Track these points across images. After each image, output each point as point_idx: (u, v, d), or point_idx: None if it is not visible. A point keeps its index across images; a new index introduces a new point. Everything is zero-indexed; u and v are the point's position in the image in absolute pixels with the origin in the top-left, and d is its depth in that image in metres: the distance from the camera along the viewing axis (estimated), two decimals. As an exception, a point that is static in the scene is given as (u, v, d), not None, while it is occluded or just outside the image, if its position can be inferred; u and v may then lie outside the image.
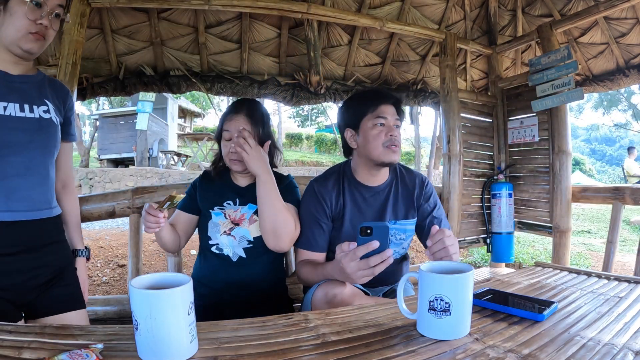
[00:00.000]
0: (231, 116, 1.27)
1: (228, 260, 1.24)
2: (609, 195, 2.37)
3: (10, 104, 0.95)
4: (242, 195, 1.29)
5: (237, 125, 1.24)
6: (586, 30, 2.92)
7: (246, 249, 1.25)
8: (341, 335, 0.64)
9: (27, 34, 0.95)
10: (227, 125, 1.27)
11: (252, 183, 1.29)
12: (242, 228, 1.26)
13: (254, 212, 1.26)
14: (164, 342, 0.53)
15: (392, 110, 1.23)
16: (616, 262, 3.59)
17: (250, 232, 1.26)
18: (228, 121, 1.27)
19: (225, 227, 1.26)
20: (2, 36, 0.95)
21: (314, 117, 27.05)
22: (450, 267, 0.67)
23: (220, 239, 1.25)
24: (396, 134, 1.21)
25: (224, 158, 1.29)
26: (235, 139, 1.21)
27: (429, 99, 3.29)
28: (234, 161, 1.26)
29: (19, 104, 0.97)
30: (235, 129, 1.24)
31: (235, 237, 1.25)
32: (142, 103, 9.44)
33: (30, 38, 0.96)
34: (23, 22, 0.94)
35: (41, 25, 0.96)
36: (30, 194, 0.99)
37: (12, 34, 0.94)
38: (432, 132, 11.79)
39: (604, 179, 22.15)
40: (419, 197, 1.30)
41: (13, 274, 0.96)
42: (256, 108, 1.30)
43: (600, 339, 0.62)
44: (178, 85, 2.67)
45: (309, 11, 2.32)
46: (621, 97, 15.83)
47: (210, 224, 1.27)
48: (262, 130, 1.28)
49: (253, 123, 1.26)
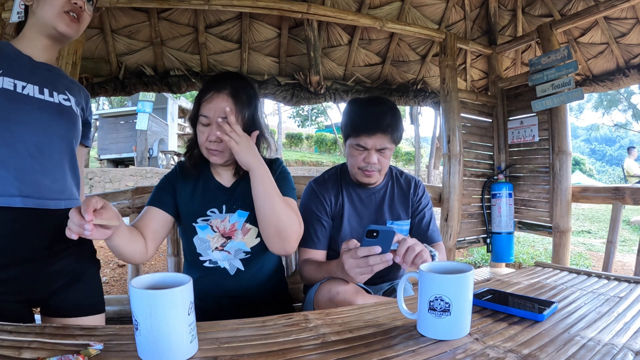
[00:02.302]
0: (211, 96, 1.02)
1: (224, 273, 1.09)
2: (609, 195, 2.37)
3: (30, 85, 0.93)
4: (229, 199, 1.09)
5: (218, 108, 1.00)
6: (586, 30, 2.92)
7: (244, 260, 1.10)
8: (341, 335, 0.64)
9: (62, 13, 0.93)
10: (206, 108, 1.02)
11: (236, 181, 1.11)
12: (236, 241, 1.08)
13: (246, 220, 1.09)
14: (164, 342, 0.53)
15: (375, 140, 1.17)
16: (616, 262, 3.59)
17: (247, 244, 1.09)
18: (207, 102, 1.02)
19: (216, 243, 1.08)
20: (38, 18, 0.94)
21: (314, 117, 27.05)
22: (450, 267, 0.67)
23: (213, 255, 1.08)
24: (373, 161, 1.18)
25: (200, 146, 1.06)
26: (218, 124, 0.99)
27: (429, 99, 3.30)
28: (213, 151, 1.03)
29: (39, 87, 0.95)
30: (216, 113, 1.00)
31: (230, 252, 1.09)
32: (142, 103, 9.44)
33: (65, 19, 0.94)
34: (58, 0, 0.93)
35: (76, 6, 0.95)
36: (41, 179, 0.91)
37: (48, 13, 0.93)
38: (432, 132, 11.79)
39: (604, 179, 22.17)
40: (413, 198, 1.33)
41: (23, 279, 0.90)
42: (242, 86, 1.05)
43: (600, 339, 0.62)
44: (178, 85, 2.68)
45: (309, 11, 2.33)
46: (621, 97, 15.82)
47: (197, 240, 1.08)
48: (249, 114, 1.04)
49: (239, 105, 1.02)
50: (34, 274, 0.91)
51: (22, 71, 0.93)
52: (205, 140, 1.03)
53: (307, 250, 1.22)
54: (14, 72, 0.91)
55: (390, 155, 1.24)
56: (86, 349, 0.54)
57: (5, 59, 0.93)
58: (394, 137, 1.19)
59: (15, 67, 0.92)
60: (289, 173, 1.16)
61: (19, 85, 0.91)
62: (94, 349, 0.55)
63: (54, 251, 0.94)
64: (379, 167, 1.21)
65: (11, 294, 0.88)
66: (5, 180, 0.88)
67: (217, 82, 1.05)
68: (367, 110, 1.19)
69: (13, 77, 0.91)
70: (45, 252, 0.92)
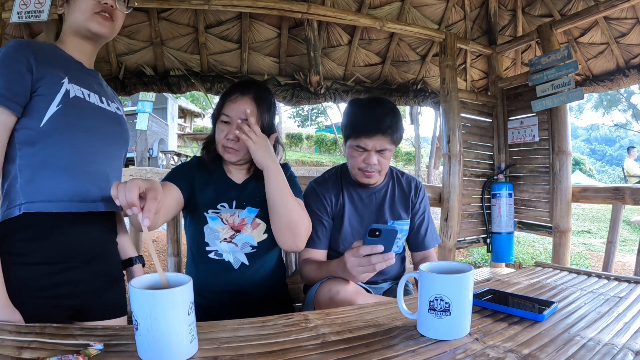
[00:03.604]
0: (236, 97, 1.09)
1: (228, 266, 1.12)
2: (609, 195, 2.36)
3: (92, 93, 0.94)
4: (239, 195, 1.15)
5: (241, 109, 1.07)
6: (586, 30, 2.92)
7: (249, 254, 1.14)
8: (341, 335, 0.64)
9: (93, 14, 0.92)
10: (229, 108, 1.09)
11: (247, 179, 1.18)
12: (245, 234, 1.13)
13: (256, 216, 1.14)
14: (164, 342, 0.53)
15: (375, 141, 1.18)
16: (616, 262, 3.59)
17: (254, 238, 1.14)
18: (231, 102, 1.09)
19: (225, 234, 1.12)
20: (71, 23, 0.94)
21: (314, 117, 27.05)
22: (450, 267, 0.67)
23: (220, 246, 1.12)
24: (373, 162, 1.19)
25: (217, 144, 1.13)
26: (238, 124, 1.06)
27: (429, 99, 3.30)
28: (229, 149, 1.09)
29: (98, 95, 0.96)
30: (237, 113, 1.08)
31: (237, 245, 1.13)
32: (142, 103, 9.45)
33: (98, 19, 0.93)
34: (88, 3, 0.92)
35: (106, 5, 0.94)
36: (107, 186, 0.92)
37: (79, 17, 0.92)
38: (432, 132, 11.78)
39: (604, 179, 22.17)
40: (413, 199, 1.35)
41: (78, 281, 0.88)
42: (265, 94, 1.15)
43: (600, 339, 0.62)
44: (178, 85, 2.68)
45: (309, 11, 2.33)
46: (621, 97, 15.82)
47: (207, 229, 1.12)
48: (268, 120, 1.13)
49: (260, 110, 1.09)
50: (93, 275, 0.91)
51: (81, 78, 0.93)
52: (223, 138, 1.09)
53: (307, 249, 1.22)
54: (77, 79, 0.91)
55: (390, 156, 1.24)
56: (86, 349, 0.54)
57: (66, 64, 0.91)
58: (394, 138, 1.20)
59: (74, 73, 0.91)
60: (297, 177, 1.22)
61: (85, 93, 0.92)
62: (94, 349, 0.55)
63: (106, 252, 0.96)
64: (378, 168, 1.22)
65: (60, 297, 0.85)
66: (90, 187, 0.90)
67: (243, 86, 1.12)
68: (368, 111, 1.19)
69: (78, 84, 0.90)
70: (103, 253, 0.95)
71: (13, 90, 0.80)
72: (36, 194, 0.84)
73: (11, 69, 0.81)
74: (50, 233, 0.85)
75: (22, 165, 0.84)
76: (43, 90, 0.84)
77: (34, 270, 0.82)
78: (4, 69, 0.81)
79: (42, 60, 0.85)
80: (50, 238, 0.85)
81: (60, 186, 0.86)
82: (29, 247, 0.83)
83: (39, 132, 0.84)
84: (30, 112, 0.83)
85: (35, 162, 0.85)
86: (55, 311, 0.83)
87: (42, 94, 0.84)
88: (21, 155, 0.84)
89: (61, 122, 0.86)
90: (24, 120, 0.83)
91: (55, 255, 0.85)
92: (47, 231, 0.85)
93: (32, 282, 0.81)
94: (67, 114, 0.86)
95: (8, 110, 0.80)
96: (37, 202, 0.84)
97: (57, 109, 0.85)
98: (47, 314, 0.79)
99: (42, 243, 0.84)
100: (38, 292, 0.82)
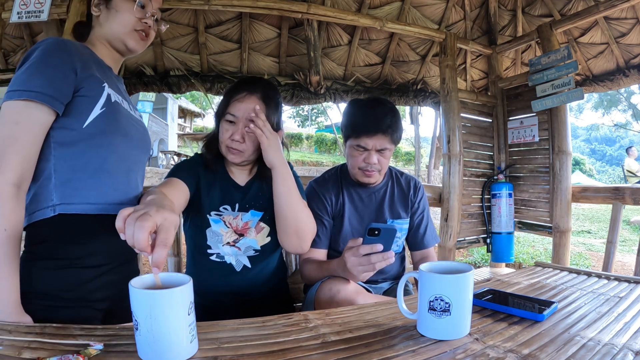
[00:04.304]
0: (243, 96, 1.04)
1: (230, 269, 1.10)
2: (609, 195, 2.37)
3: (123, 100, 0.94)
4: (242, 198, 1.11)
5: (249, 108, 1.02)
6: (586, 30, 2.92)
7: (252, 258, 1.11)
8: (341, 335, 0.64)
9: (133, 31, 0.93)
10: (236, 107, 1.03)
11: (250, 180, 1.14)
12: (249, 239, 1.10)
13: (260, 219, 1.12)
14: (164, 342, 0.53)
15: (376, 141, 1.19)
16: (616, 262, 3.59)
17: (258, 242, 1.11)
18: (238, 102, 1.03)
19: (228, 238, 1.09)
20: (106, 31, 0.93)
21: (314, 117, 27.07)
22: (450, 267, 0.67)
23: (223, 249, 1.09)
24: (373, 161, 1.20)
25: (220, 143, 1.07)
26: (250, 119, 1.01)
27: (429, 99, 3.30)
28: (234, 150, 1.04)
29: (127, 101, 0.96)
30: (245, 113, 1.03)
31: (240, 249, 1.10)
32: (142, 103, 9.46)
33: (135, 36, 0.94)
34: (130, 19, 0.92)
35: (146, 25, 0.95)
36: (137, 193, 0.94)
37: (118, 29, 0.92)
38: (432, 132, 11.78)
39: (604, 179, 22.18)
40: (412, 198, 1.35)
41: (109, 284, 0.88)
42: (273, 92, 1.10)
43: (600, 339, 0.62)
44: (178, 85, 2.68)
45: (309, 11, 2.33)
46: (621, 97, 15.82)
47: (210, 232, 1.09)
48: (275, 120, 1.08)
49: (268, 109, 1.05)
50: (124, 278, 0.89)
51: (114, 83, 0.93)
52: (227, 138, 1.04)
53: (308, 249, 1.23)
54: (111, 84, 0.91)
55: (390, 155, 1.25)
56: (86, 349, 0.54)
57: (101, 68, 0.91)
58: (393, 138, 1.21)
59: (109, 78, 0.92)
60: (299, 177, 1.18)
61: (119, 99, 0.92)
62: (94, 349, 0.55)
63: (132, 255, 0.96)
64: (378, 167, 1.22)
65: (95, 301, 0.84)
66: (127, 191, 0.91)
67: (250, 84, 1.07)
68: (368, 111, 1.20)
69: (112, 88, 0.90)
70: (130, 257, 0.95)
71: (57, 88, 0.78)
72: (73, 195, 0.82)
73: (55, 67, 0.78)
74: (87, 236, 0.83)
75: (58, 165, 0.81)
76: (86, 92, 0.83)
77: (70, 274, 0.80)
78: (47, 67, 0.78)
79: (84, 61, 0.84)
80: (87, 241, 0.83)
81: (100, 189, 0.85)
82: (65, 251, 0.80)
83: (81, 133, 0.82)
84: (72, 112, 0.81)
85: (74, 163, 0.82)
86: (89, 314, 0.82)
87: (86, 95, 0.83)
88: (57, 155, 0.81)
89: (104, 125, 0.85)
90: (63, 120, 0.81)
91: (92, 258, 0.83)
92: (85, 234, 0.83)
93: (68, 286, 0.80)
94: (109, 117, 0.86)
95: (51, 108, 0.77)
96: (74, 203, 0.82)
97: (100, 111, 0.84)
98: (82, 319, 0.77)
99: (80, 246, 0.82)
100: (72, 293, 0.80)
